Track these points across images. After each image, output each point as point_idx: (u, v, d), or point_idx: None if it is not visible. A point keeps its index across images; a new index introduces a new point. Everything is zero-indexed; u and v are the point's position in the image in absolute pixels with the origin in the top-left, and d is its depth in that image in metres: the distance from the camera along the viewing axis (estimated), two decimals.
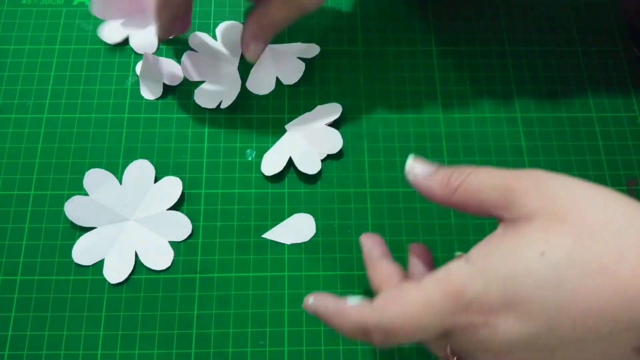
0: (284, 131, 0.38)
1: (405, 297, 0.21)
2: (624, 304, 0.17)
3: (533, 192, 0.20)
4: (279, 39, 0.41)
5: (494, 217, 0.22)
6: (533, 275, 0.18)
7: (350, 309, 0.23)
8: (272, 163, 0.37)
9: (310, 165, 0.37)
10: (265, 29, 0.37)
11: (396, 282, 0.24)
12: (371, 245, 0.27)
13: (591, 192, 0.20)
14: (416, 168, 0.25)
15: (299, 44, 0.41)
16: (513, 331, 0.19)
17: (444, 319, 0.20)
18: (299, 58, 0.40)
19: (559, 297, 0.18)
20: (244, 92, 0.40)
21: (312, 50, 0.40)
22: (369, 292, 0.35)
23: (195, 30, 0.41)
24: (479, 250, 0.20)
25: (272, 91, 0.40)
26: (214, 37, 0.41)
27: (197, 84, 0.40)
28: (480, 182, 0.22)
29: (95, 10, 0.39)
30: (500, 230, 0.21)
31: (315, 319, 0.34)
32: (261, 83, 0.40)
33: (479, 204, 0.22)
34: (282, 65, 0.40)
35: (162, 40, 0.40)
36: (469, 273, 0.20)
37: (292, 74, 0.40)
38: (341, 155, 0.38)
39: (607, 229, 0.18)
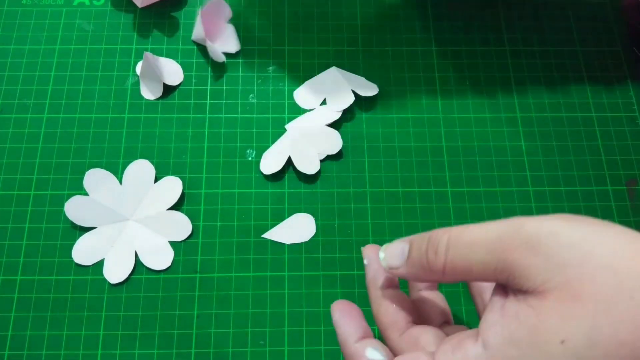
0: (284, 131, 0.39)
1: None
2: None
3: (534, 262, 0.18)
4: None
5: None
6: None
7: None
8: (271, 162, 0.37)
9: (309, 165, 0.37)
10: None
11: (403, 326, 0.23)
12: (345, 324, 0.24)
13: (595, 248, 0.18)
14: (389, 260, 0.23)
15: (362, 79, 0.40)
16: None
17: None
18: (353, 92, 0.39)
19: None
20: (244, 92, 0.40)
21: (371, 90, 0.40)
22: None
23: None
24: (495, 333, 0.19)
25: (272, 91, 0.40)
26: None
27: (197, 83, 0.40)
28: (466, 259, 0.20)
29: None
30: (512, 305, 0.19)
31: (314, 318, 0.34)
32: (308, 99, 0.40)
33: (477, 279, 0.20)
34: (334, 90, 0.40)
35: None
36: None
37: (340, 102, 0.39)
38: (341, 155, 0.38)
39: (620, 296, 0.17)
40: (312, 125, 0.38)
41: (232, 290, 0.34)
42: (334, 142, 0.38)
